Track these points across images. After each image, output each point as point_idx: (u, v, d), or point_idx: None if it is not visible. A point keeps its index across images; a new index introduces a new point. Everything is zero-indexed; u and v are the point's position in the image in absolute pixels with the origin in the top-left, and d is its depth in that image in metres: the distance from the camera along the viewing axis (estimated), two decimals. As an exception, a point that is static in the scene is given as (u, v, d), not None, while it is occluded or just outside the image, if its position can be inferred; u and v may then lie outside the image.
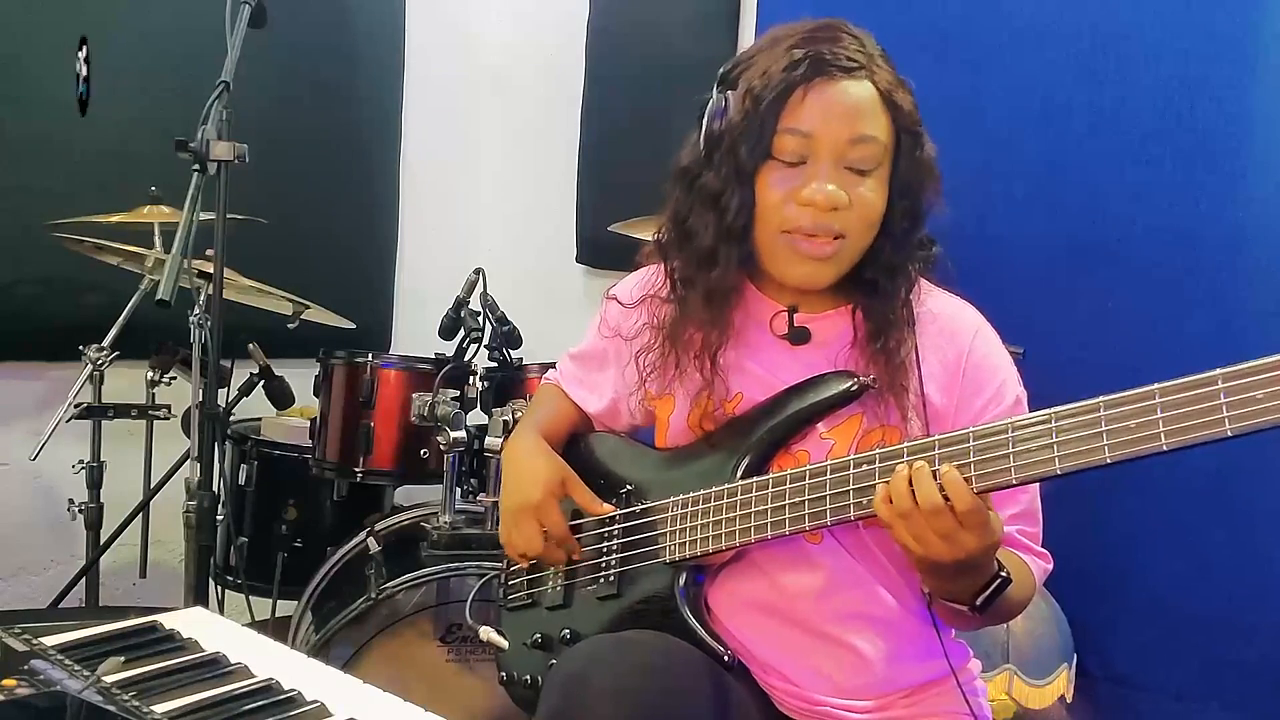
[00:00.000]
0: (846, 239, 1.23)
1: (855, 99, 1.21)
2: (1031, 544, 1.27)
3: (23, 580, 2.80)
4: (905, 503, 1.07)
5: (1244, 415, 0.90)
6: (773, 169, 1.23)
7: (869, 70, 1.21)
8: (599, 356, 1.49)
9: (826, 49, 1.21)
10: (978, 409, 1.24)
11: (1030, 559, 1.26)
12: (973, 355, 1.27)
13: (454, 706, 1.97)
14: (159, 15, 2.81)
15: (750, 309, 1.34)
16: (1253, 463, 1.94)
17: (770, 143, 1.22)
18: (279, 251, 2.73)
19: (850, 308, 1.30)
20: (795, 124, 1.21)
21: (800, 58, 1.20)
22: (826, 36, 1.23)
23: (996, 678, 1.96)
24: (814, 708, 1.27)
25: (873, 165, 1.22)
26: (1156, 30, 2.12)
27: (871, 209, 1.23)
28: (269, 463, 2.50)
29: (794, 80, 1.20)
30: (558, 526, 1.39)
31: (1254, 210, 2.00)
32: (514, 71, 3.61)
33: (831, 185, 1.20)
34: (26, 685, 1.00)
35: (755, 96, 1.22)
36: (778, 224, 1.24)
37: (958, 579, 1.13)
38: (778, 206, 1.23)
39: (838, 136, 1.20)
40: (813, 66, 1.20)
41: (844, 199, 1.21)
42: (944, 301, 1.31)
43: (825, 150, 1.21)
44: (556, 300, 3.15)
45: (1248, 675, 2.02)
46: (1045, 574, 1.29)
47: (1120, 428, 0.97)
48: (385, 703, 1.05)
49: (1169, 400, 0.94)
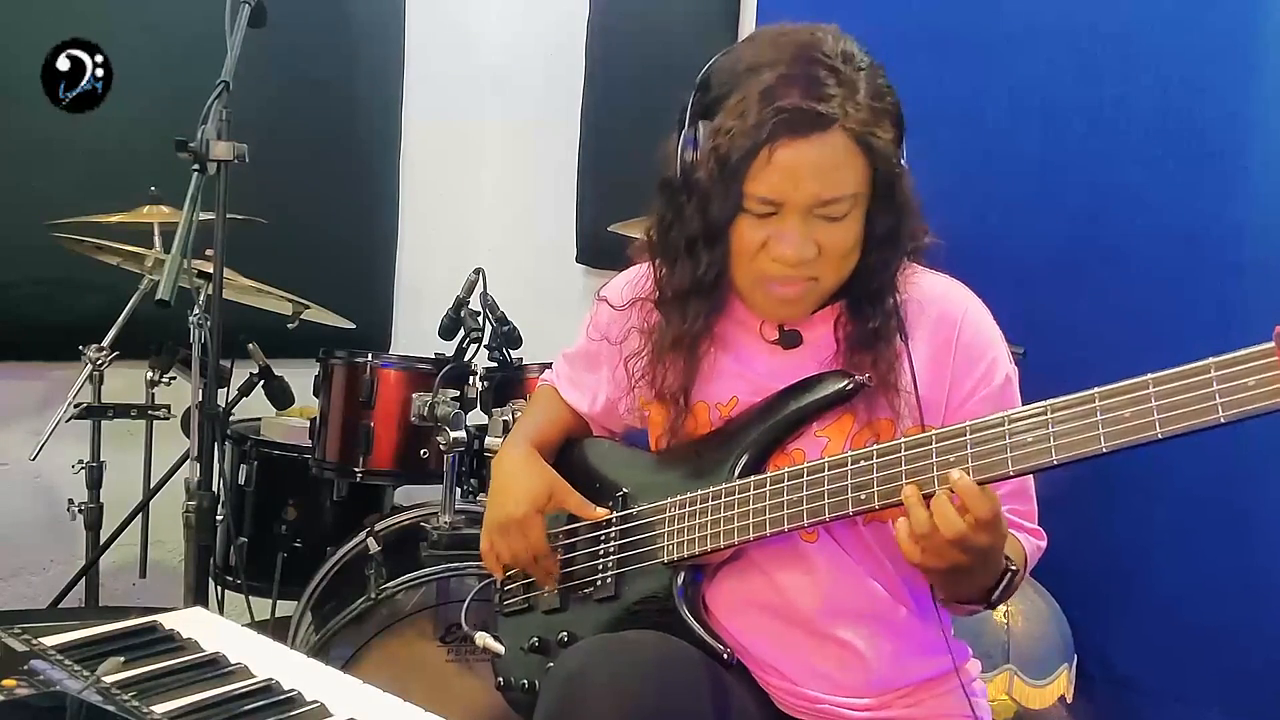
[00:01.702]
0: (819, 281, 1.24)
1: (821, 158, 1.16)
2: (1024, 522, 1.29)
3: (23, 580, 2.80)
4: (932, 538, 1.07)
5: (1236, 402, 0.92)
6: (744, 220, 1.21)
7: (841, 114, 1.15)
8: (591, 357, 1.49)
9: (795, 101, 1.15)
10: (968, 389, 1.25)
11: (1024, 537, 1.28)
12: (962, 336, 1.27)
13: (454, 706, 1.97)
14: (159, 15, 2.81)
15: (738, 316, 1.34)
16: (1253, 464, 1.94)
17: (739, 203, 1.20)
18: (279, 251, 2.72)
19: (837, 309, 1.30)
20: (760, 190, 1.18)
21: (767, 116, 1.15)
22: (801, 73, 1.16)
23: (996, 678, 1.96)
24: (813, 706, 1.27)
25: (844, 213, 1.20)
26: (1156, 30, 2.11)
27: (844, 248, 1.22)
28: (269, 463, 2.50)
29: (759, 142, 1.15)
30: (538, 542, 1.39)
31: (1254, 210, 2.00)
32: (514, 71, 3.61)
33: (798, 243, 1.19)
34: (26, 685, 1.00)
35: (721, 159, 1.18)
36: (751, 273, 1.24)
37: (972, 580, 1.14)
38: (750, 256, 1.23)
39: (806, 196, 1.17)
40: (778, 127, 1.15)
41: (812, 253, 1.20)
42: (930, 282, 1.31)
43: (793, 209, 1.19)
44: (556, 300, 3.15)
45: (1248, 677, 2.01)
46: (1039, 551, 1.31)
47: (1115, 417, 0.98)
48: (385, 703, 1.05)
49: (1163, 389, 0.96)
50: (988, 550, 1.09)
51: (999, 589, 1.16)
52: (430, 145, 3.52)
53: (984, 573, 1.14)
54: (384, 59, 3.42)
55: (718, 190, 1.20)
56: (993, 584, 1.15)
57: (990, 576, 1.15)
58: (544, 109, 3.53)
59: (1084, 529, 1.95)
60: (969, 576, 1.13)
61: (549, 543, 1.40)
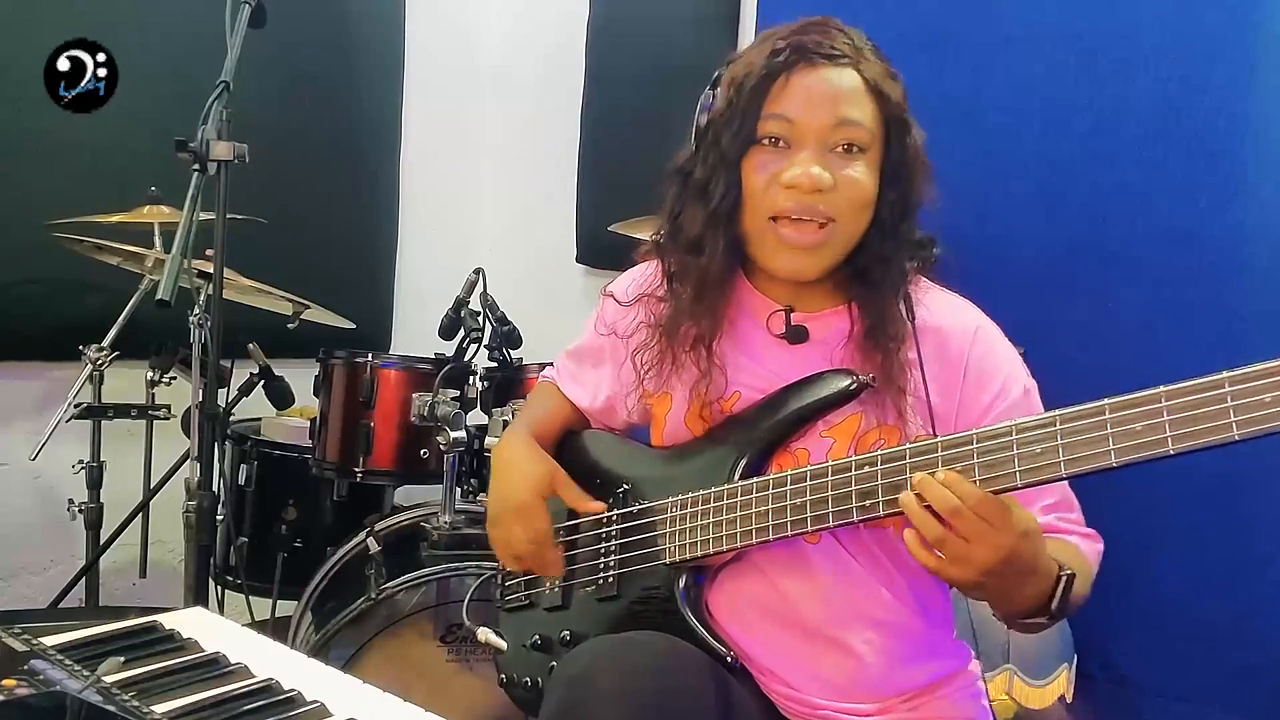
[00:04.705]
0: (835, 223, 1.23)
1: (838, 84, 1.22)
2: (1075, 527, 1.25)
3: (23, 580, 2.80)
4: (932, 528, 1.03)
5: (1251, 419, 0.89)
6: (757, 154, 1.23)
7: (855, 60, 1.22)
8: (595, 354, 1.49)
9: (812, 39, 1.22)
10: (984, 406, 1.23)
11: (1078, 540, 1.23)
12: (973, 356, 1.26)
13: (454, 706, 1.97)
14: (159, 15, 2.81)
15: (746, 306, 1.34)
16: (1255, 464, 1.94)
17: (754, 128, 1.22)
18: (279, 251, 2.72)
19: (846, 306, 1.30)
20: (777, 109, 1.21)
21: (783, 46, 1.22)
22: (815, 30, 1.24)
23: (997, 678, 1.96)
24: (814, 711, 1.27)
25: (859, 149, 1.22)
26: (1156, 30, 2.11)
27: (860, 191, 1.23)
28: (269, 463, 2.50)
29: (776, 67, 1.21)
30: (542, 529, 1.38)
31: (1254, 210, 2.00)
32: (514, 71, 3.61)
33: (816, 168, 1.20)
34: (26, 685, 1.00)
35: (738, 85, 1.23)
36: (764, 209, 1.24)
37: (1022, 588, 1.08)
38: (763, 191, 1.23)
39: (821, 121, 1.21)
40: (795, 53, 1.21)
41: (828, 180, 1.20)
42: (943, 301, 1.31)
43: (809, 134, 1.21)
44: (556, 300, 3.15)
45: (1248, 676, 2.01)
46: (1098, 554, 1.25)
47: (1126, 430, 0.96)
48: (385, 703, 1.05)
49: (1175, 404, 0.93)
50: (1017, 549, 1.03)
51: (1056, 597, 1.09)
52: (430, 145, 3.52)
53: (1032, 577, 1.08)
54: (384, 59, 3.42)
55: (735, 116, 1.23)
56: (1047, 591, 1.09)
57: (1041, 583, 1.08)
58: (544, 109, 3.53)
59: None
60: (1016, 584, 1.07)
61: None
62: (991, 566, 1.03)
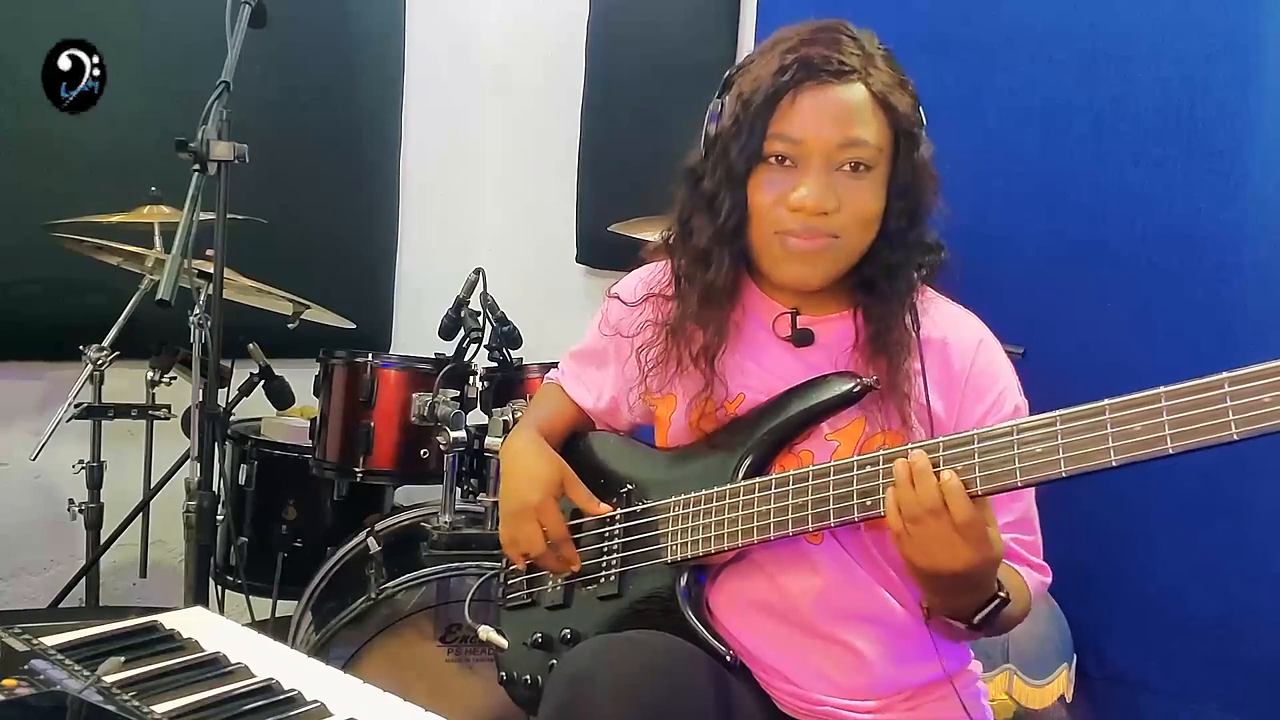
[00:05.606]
0: (840, 239, 1.23)
1: (845, 103, 1.20)
2: (1028, 554, 1.26)
3: (23, 580, 2.80)
4: (912, 506, 1.06)
5: (1250, 419, 0.90)
6: (764, 172, 1.23)
7: (863, 73, 1.21)
8: (599, 354, 1.49)
9: (820, 52, 1.20)
10: (976, 418, 1.24)
11: (1026, 571, 1.25)
12: (975, 367, 1.27)
13: (454, 706, 1.97)
14: (159, 15, 2.81)
15: (752, 309, 1.34)
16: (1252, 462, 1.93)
17: (760, 147, 1.22)
18: (279, 251, 2.73)
19: (852, 312, 1.30)
20: (783, 129, 1.21)
21: (790, 62, 1.20)
22: (825, 39, 1.22)
23: (996, 678, 1.96)
24: (815, 708, 1.27)
25: (866, 167, 1.22)
26: (1156, 30, 2.11)
27: (866, 209, 1.23)
28: (269, 463, 2.50)
29: (783, 85, 1.20)
30: (556, 527, 1.38)
31: (1254, 210, 2.00)
32: (514, 71, 3.61)
33: (820, 189, 1.20)
34: (26, 685, 1.00)
35: (745, 101, 1.22)
36: (770, 226, 1.24)
37: (959, 595, 1.12)
38: (769, 209, 1.23)
39: (827, 140, 1.20)
40: (802, 70, 1.20)
41: (832, 203, 1.20)
42: (947, 311, 1.31)
43: (815, 154, 1.20)
44: (556, 300, 3.15)
45: (1247, 675, 2.01)
46: (1043, 586, 1.28)
47: (1125, 430, 0.96)
48: (385, 703, 1.05)
49: (1175, 404, 0.94)
50: (976, 566, 1.06)
51: (983, 612, 1.12)
52: (430, 145, 3.52)
53: (974, 590, 1.11)
54: (384, 59, 3.42)
55: (741, 133, 1.22)
56: (979, 605, 1.12)
57: (979, 596, 1.12)
58: (544, 109, 3.53)
59: (1082, 527, 1.95)
60: (957, 590, 1.11)
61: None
62: (944, 570, 1.07)
